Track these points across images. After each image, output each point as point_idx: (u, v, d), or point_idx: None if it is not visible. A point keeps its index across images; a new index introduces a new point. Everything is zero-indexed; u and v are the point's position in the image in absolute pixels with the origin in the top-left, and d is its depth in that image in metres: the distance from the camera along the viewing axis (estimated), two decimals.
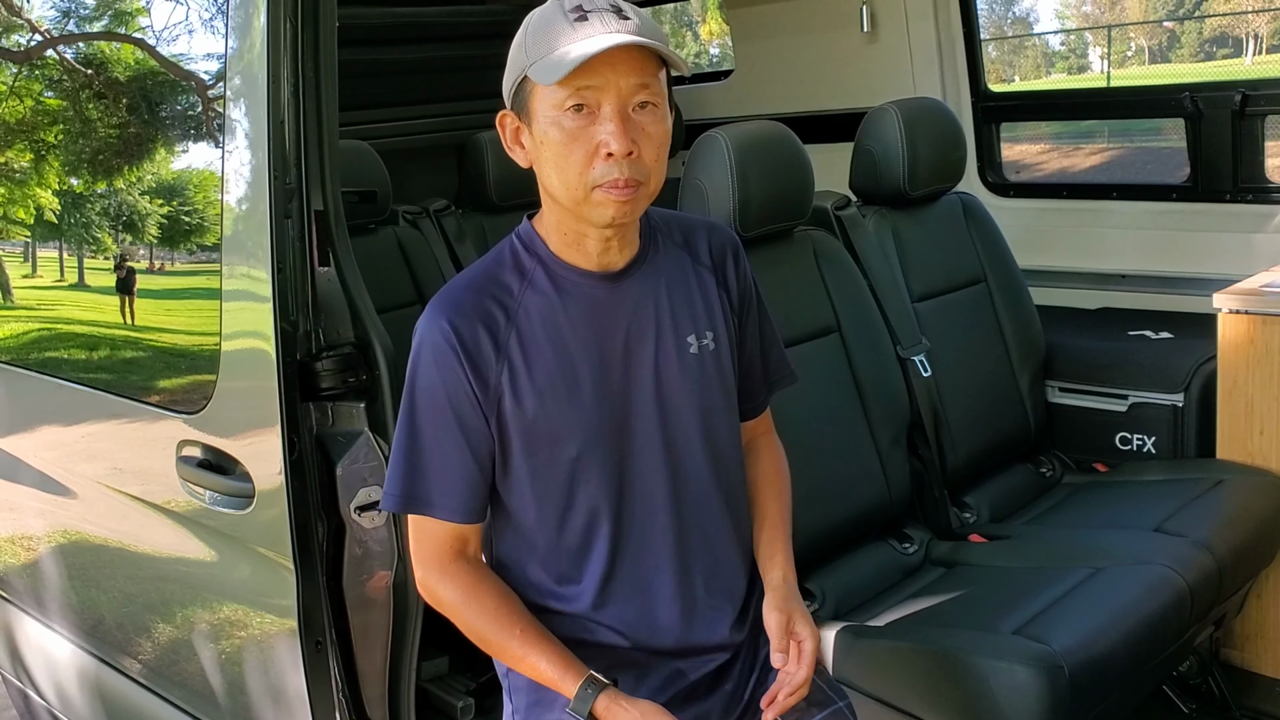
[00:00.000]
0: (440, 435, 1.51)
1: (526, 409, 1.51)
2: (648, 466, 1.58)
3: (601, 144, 1.40)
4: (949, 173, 2.96)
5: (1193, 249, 3.33)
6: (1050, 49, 25.55)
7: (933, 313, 2.87)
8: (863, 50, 3.88)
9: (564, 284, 1.53)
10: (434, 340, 1.50)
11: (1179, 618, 2.26)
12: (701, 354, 1.59)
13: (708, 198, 2.43)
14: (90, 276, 2.93)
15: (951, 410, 2.80)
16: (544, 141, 1.44)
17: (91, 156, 2.82)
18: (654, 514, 1.60)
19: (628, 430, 1.56)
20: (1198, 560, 2.36)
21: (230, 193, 2.25)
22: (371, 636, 2.30)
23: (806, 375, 2.51)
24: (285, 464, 2.17)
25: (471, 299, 1.52)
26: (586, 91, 1.40)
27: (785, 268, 2.58)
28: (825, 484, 2.48)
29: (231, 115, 2.24)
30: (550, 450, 1.54)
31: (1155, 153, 12.95)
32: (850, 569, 2.50)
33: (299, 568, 2.20)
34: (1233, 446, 2.77)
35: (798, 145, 2.52)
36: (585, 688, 1.50)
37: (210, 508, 2.39)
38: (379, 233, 3.37)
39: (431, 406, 1.51)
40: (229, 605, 2.47)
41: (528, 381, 1.50)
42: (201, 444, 2.39)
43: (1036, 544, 2.56)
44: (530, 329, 1.51)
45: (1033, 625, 2.14)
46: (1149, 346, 3.07)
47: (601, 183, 1.42)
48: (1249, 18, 24.38)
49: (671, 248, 1.62)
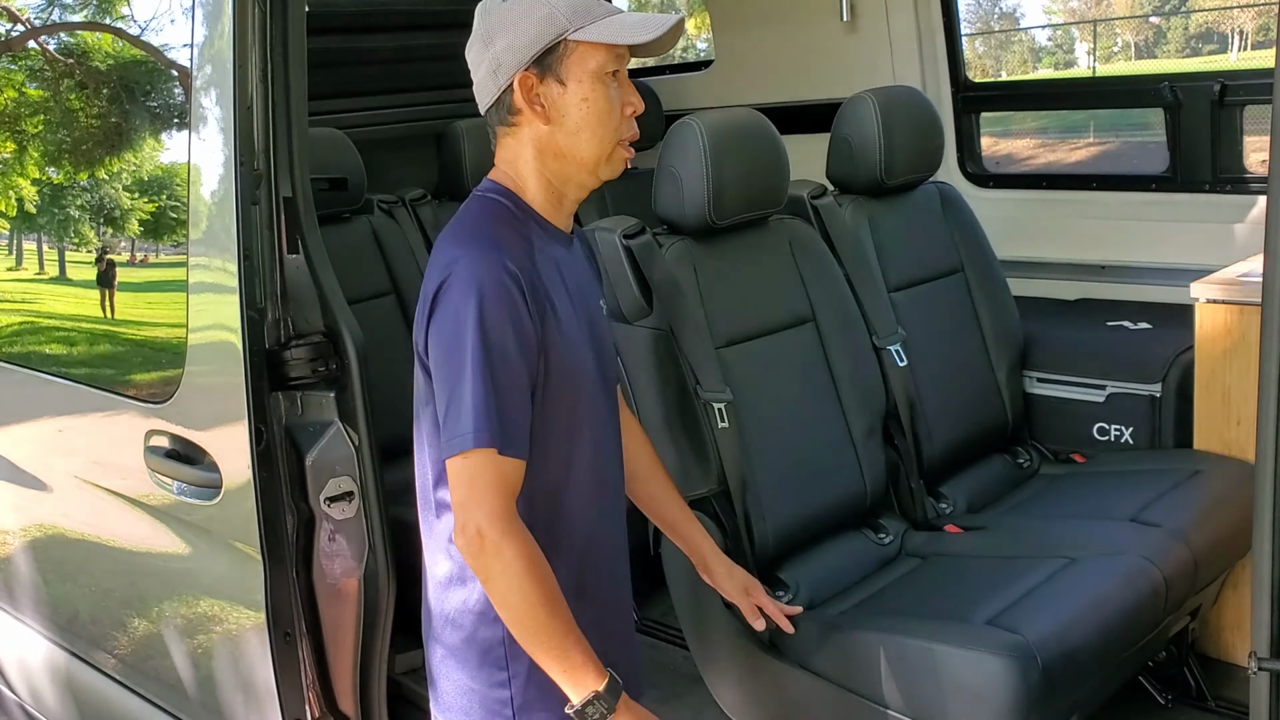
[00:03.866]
0: (514, 375, 1.50)
1: (559, 341, 1.57)
2: (605, 416, 1.70)
3: (628, 104, 1.57)
4: (926, 162, 2.94)
5: (1172, 239, 3.32)
6: (1036, 44, 25.58)
7: (909, 303, 2.86)
8: (842, 40, 3.86)
9: (549, 241, 1.62)
10: (497, 280, 1.49)
11: (1154, 609, 2.25)
12: (605, 316, 1.77)
13: (682, 185, 2.41)
14: (59, 267, 2.90)
15: (928, 400, 2.79)
16: (588, 100, 1.54)
17: (71, 147, 2.79)
18: (612, 463, 1.73)
19: (600, 380, 1.67)
20: (1173, 551, 2.35)
21: (196, 180, 2.22)
22: (342, 628, 2.28)
23: (781, 365, 2.51)
24: (253, 454, 2.15)
25: (510, 243, 1.55)
26: (620, 59, 1.56)
27: (760, 257, 2.56)
28: (799, 474, 2.47)
29: (199, 101, 2.21)
30: (569, 381, 1.60)
31: (1142, 147, 12.96)
32: (824, 560, 2.49)
33: (267, 559, 2.18)
34: (1210, 437, 2.76)
35: (773, 133, 2.50)
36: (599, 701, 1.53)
37: (178, 498, 2.37)
38: (353, 222, 3.35)
39: (503, 346, 1.49)
40: (198, 597, 2.45)
41: (555, 317, 1.57)
42: (169, 434, 2.37)
43: (1012, 534, 2.55)
44: (548, 275, 1.58)
45: (1006, 615, 2.12)
46: (1127, 337, 3.06)
47: (626, 137, 1.58)
48: (1234, 13, 24.44)
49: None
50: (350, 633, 2.29)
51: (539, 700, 1.62)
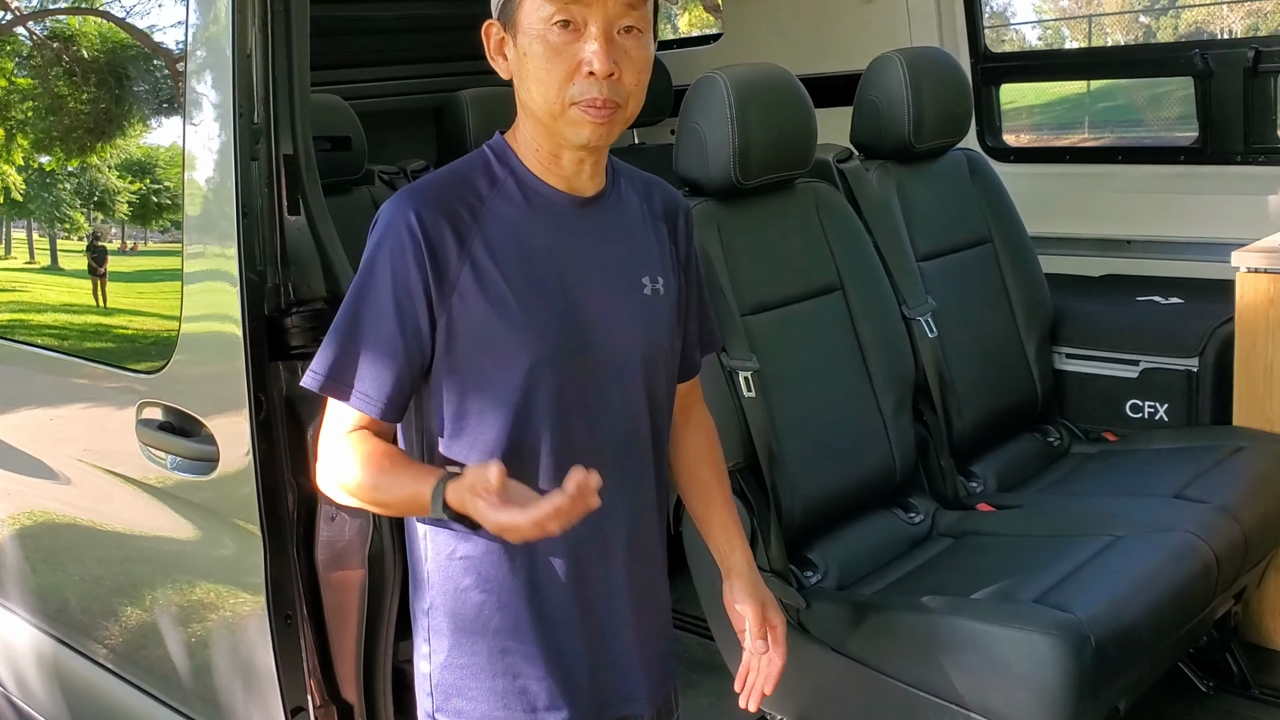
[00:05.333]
0: (381, 324, 1.45)
1: (485, 310, 1.45)
2: (592, 400, 1.51)
3: (584, 62, 1.39)
4: (955, 126, 2.83)
5: (1202, 213, 3.21)
6: (1027, 42, 25.60)
7: (937, 273, 2.74)
8: (857, 9, 3.74)
9: (534, 198, 1.49)
10: (396, 229, 1.44)
11: (1205, 587, 2.14)
12: (653, 297, 1.56)
13: (706, 143, 2.29)
14: (49, 241, 2.77)
15: (957, 375, 2.67)
16: (527, 54, 1.42)
17: (66, 104, 2.65)
18: (590, 452, 1.50)
19: (577, 355, 1.49)
20: (1223, 527, 2.24)
21: (193, 132, 2.09)
22: (345, 612, 2.15)
23: (809, 334, 2.39)
24: (252, 425, 2.02)
25: (440, 194, 1.47)
26: (574, 7, 1.39)
27: (787, 221, 2.44)
28: (827, 449, 2.35)
29: (194, 50, 2.08)
30: (502, 356, 1.47)
31: (1138, 142, 12.87)
32: (853, 539, 2.37)
33: (267, 537, 2.06)
34: (1250, 413, 2.65)
35: (800, 88, 2.39)
36: (438, 485, 1.39)
37: (172, 474, 2.24)
38: (353, 193, 3.22)
39: (380, 294, 1.44)
40: (194, 579, 2.32)
41: (489, 283, 1.45)
42: (163, 406, 2.24)
43: (1050, 513, 2.44)
44: (494, 233, 1.46)
45: (1053, 593, 2.01)
46: (1161, 310, 2.95)
47: (579, 100, 1.40)
48: (1223, 12, 24.46)
49: (632, 194, 1.59)
50: (353, 618, 2.16)
51: (455, 686, 1.56)
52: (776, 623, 1.70)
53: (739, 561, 1.71)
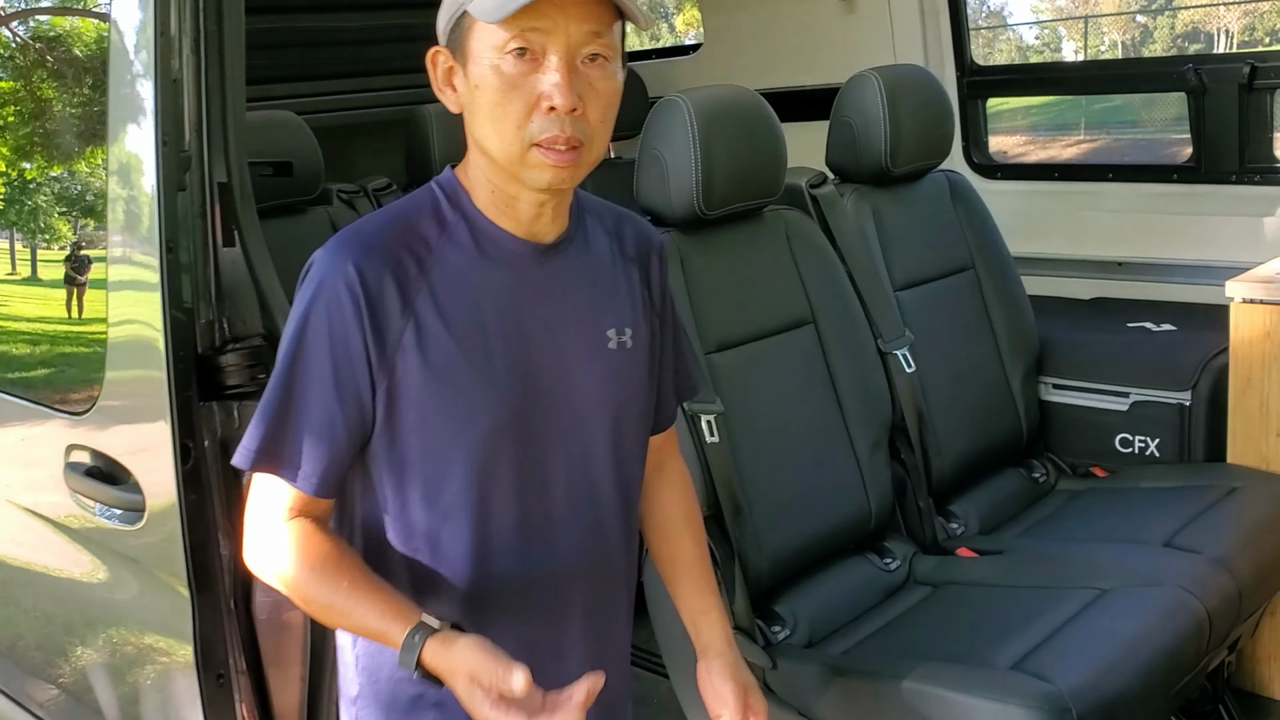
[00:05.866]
0: (316, 392, 1.30)
1: (431, 375, 1.30)
2: (551, 464, 1.37)
3: (544, 95, 1.23)
4: (935, 149, 2.69)
5: (1196, 234, 3.08)
6: (1024, 42, 25.47)
7: (916, 303, 2.61)
8: (840, 20, 3.62)
9: (488, 246, 1.34)
10: (334, 284, 1.28)
11: (1197, 646, 2.01)
12: (620, 350, 1.41)
13: (667, 171, 2.15)
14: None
15: (937, 410, 2.54)
16: (479, 86, 1.26)
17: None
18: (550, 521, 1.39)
19: (535, 421, 1.35)
20: (1215, 580, 2.11)
21: (115, 163, 1.96)
22: (286, 667, 2.03)
23: (778, 372, 2.26)
24: (178, 474, 1.89)
25: (382, 243, 1.31)
26: (532, 34, 1.22)
27: (755, 252, 2.31)
28: (798, 495, 2.22)
29: (116, 73, 1.95)
30: (452, 425, 1.33)
31: (1134, 143, 12.77)
32: (825, 589, 2.24)
33: (195, 592, 1.93)
34: (1246, 450, 2.52)
35: (768, 112, 2.25)
36: (413, 635, 1.25)
37: (100, 521, 2.11)
38: (309, 213, 3.08)
39: (315, 357, 1.30)
40: (123, 634, 2.19)
41: (436, 344, 1.30)
42: (90, 449, 2.11)
43: (1033, 560, 2.30)
44: (443, 287, 1.31)
45: (1034, 658, 1.88)
46: (1151, 340, 2.82)
47: (540, 139, 1.24)
48: (1219, 13, 24.40)
49: (600, 233, 1.44)
50: (295, 672, 2.04)
51: None
52: (760, 710, 1.53)
53: (719, 639, 1.55)
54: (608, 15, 1.25)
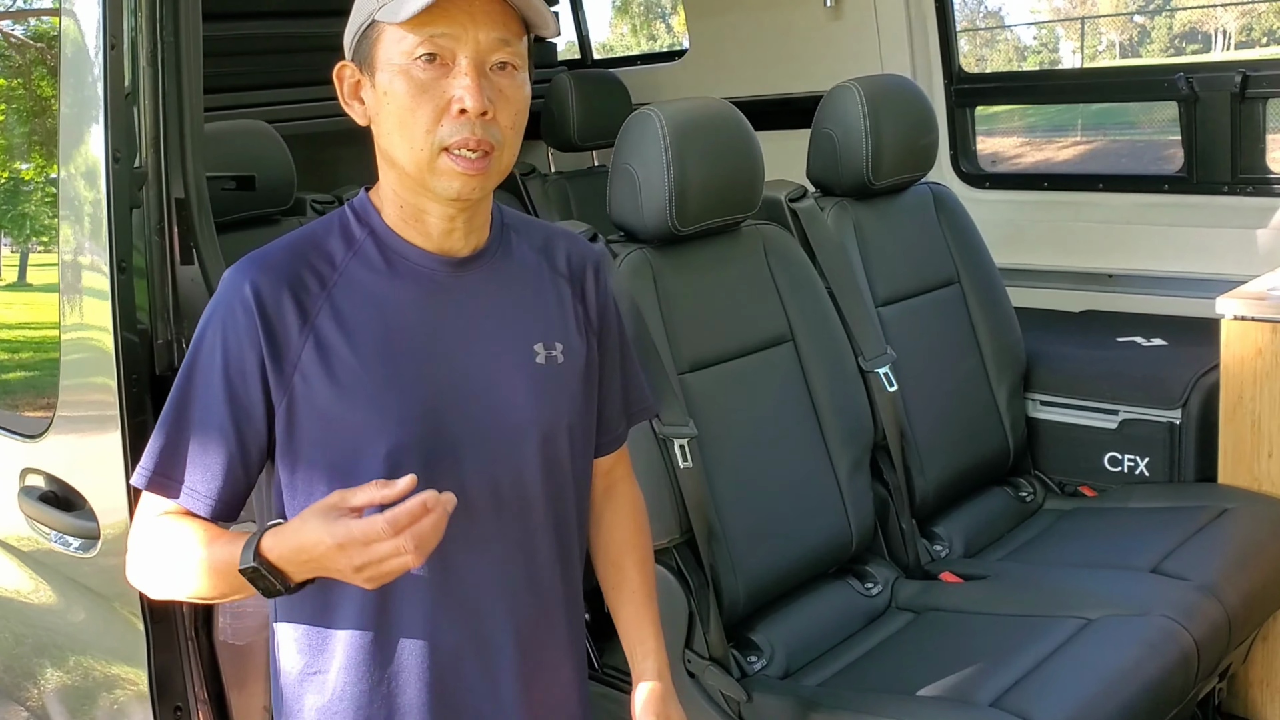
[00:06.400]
0: (210, 411, 1.29)
1: (331, 392, 1.29)
2: (470, 482, 1.32)
3: (454, 99, 1.23)
4: (918, 160, 2.63)
5: (1187, 246, 3.02)
6: (1021, 43, 25.41)
7: (899, 319, 2.54)
8: (826, 27, 3.55)
9: (396, 261, 1.33)
10: (229, 301, 1.28)
11: (1184, 678, 1.95)
12: (549, 365, 1.39)
13: (639, 186, 2.09)
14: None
15: (920, 429, 2.47)
16: (388, 93, 1.25)
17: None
18: (474, 545, 1.35)
19: (448, 436, 1.32)
20: (1204, 609, 2.04)
21: (67, 178, 1.90)
22: (249, 695, 1.97)
23: (754, 392, 2.20)
24: (129, 498, 1.83)
25: (283, 260, 1.31)
26: (441, 40, 1.23)
27: (731, 268, 2.24)
28: (776, 518, 2.15)
29: (66, 86, 1.88)
30: (354, 444, 1.30)
31: (1130, 144, 12.69)
32: (803, 616, 2.17)
33: (149, 622, 1.87)
34: (1237, 470, 2.46)
35: (744, 125, 2.19)
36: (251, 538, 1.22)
37: (54, 548, 2.04)
38: (283, 224, 3.02)
39: (209, 376, 1.29)
40: (82, 661, 2.13)
41: (337, 361, 1.29)
42: (44, 474, 2.04)
43: (1018, 587, 2.23)
44: (348, 303, 1.31)
45: (1015, 694, 1.81)
46: (1141, 355, 2.75)
47: (450, 143, 1.24)
48: (1217, 13, 24.37)
49: (526, 250, 1.43)
50: (259, 703, 1.98)
51: None
52: None
53: (650, 670, 1.52)
54: (515, 25, 1.26)
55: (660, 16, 22.22)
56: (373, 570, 1.16)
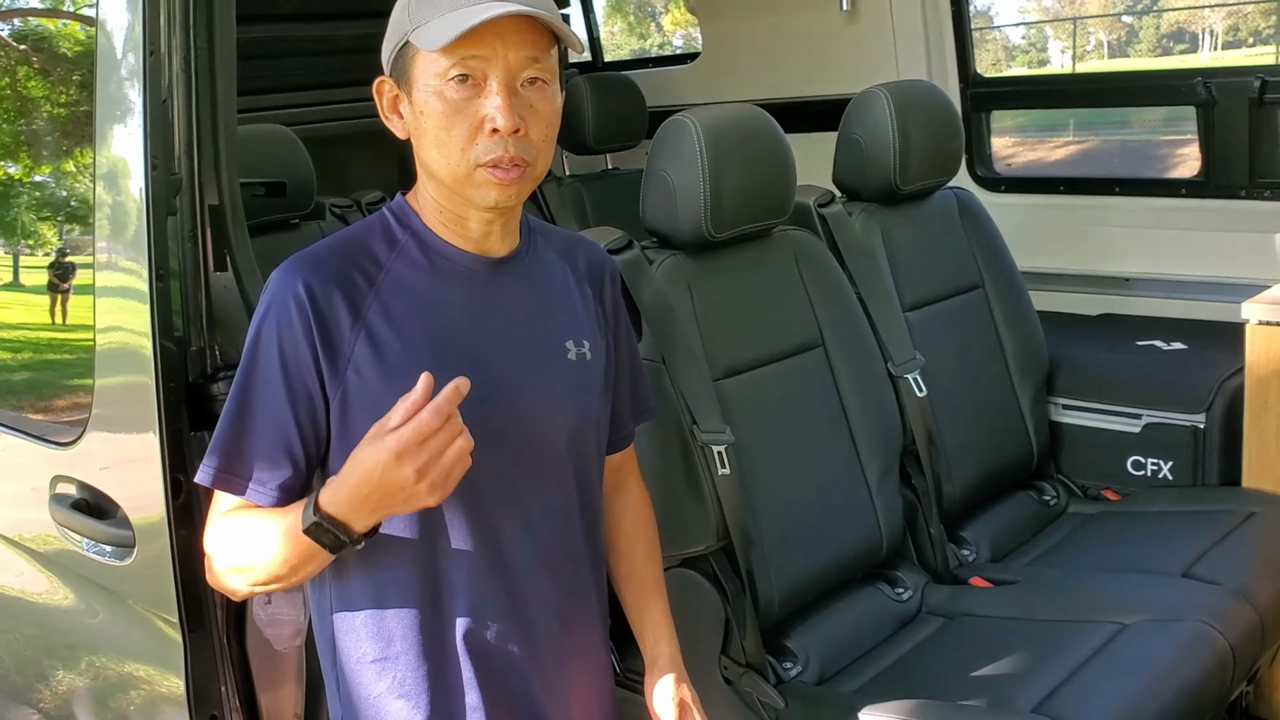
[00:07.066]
0: (271, 407, 1.34)
1: (384, 384, 1.33)
2: (514, 479, 1.41)
3: (487, 118, 1.29)
4: (945, 166, 2.63)
5: (1204, 250, 3.03)
6: (1010, 43, 25.50)
7: (925, 323, 2.54)
8: (841, 31, 3.56)
9: (438, 261, 1.40)
10: (283, 301, 1.33)
11: (1220, 682, 1.96)
12: (579, 362, 1.46)
13: (675, 193, 2.09)
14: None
15: (947, 434, 2.48)
16: (424, 112, 1.32)
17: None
18: (511, 528, 1.41)
19: (496, 430, 1.37)
20: (1237, 613, 2.05)
21: (103, 185, 1.89)
22: (281, 702, 1.98)
23: (787, 398, 2.20)
24: (168, 509, 1.83)
25: (332, 260, 1.37)
26: (472, 62, 1.29)
27: (763, 274, 2.24)
28: (808, 526, 2.15)
29: (103, 94, 1.88)
30: None
31: (1121, 145, 12.73)
32: (836, 621, 2.17)
33: (186, 630, 1.87)
34: (1261, 474, 2.47)
35: (777, 132, 2.19)
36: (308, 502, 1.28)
37: (87, 556, 2.03)
38: (302, 228, 3.02)
39: (268, 374, 1.34)
40: (111, 670, 2.12)
41: (389, 354, 1.35)
42: (76, 482, 2.03)
43: (1049, 592, 2.24)
44: (396, 301, 1.37)
45: (1056, 700, 1.82)
46: (1164, 359, 2.76)
47: (484, 160, 1.30)
48: (1204, 14, 24.49)
49: (551, 253, 1.50)
50: (290, 709, 1.98)
51: None
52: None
53: (663, 654, 1.59)
54: (544, 41, 1.31)
55: (651, 16, 22.24)
56: (436, 470, 1.20)
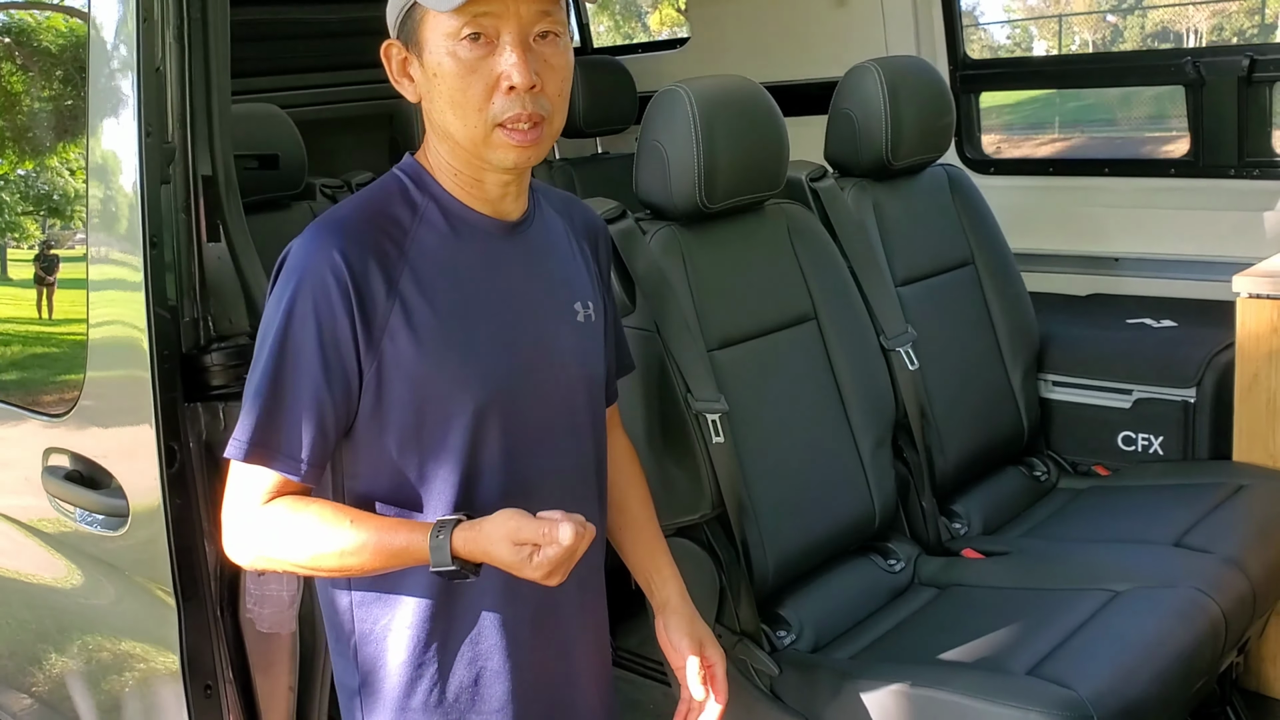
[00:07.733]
0: (306, 380, 1.31)
1: (418, 353, 1.32)
2: (542, 439, 1.41)
3: (503, 76, 1.27)
4: (936, 141, 2.64)
5: (1193, 230, 3.04)
6: (995, 42, 25.60)
7: (917, 298, 2.55)
8: (831, 13, 3.56)
9: (460, 225, 1.37)
10: (319, 272, 1.29)
11: (1213, 648, 1.97)
12: (586, 323, 1.47)
13: (669, 163, 2.09)
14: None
15: (939, 408, 2.48)
16: (437, 74, 1.29)
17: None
18: (540, 487, 1.41)
19: (522, 391, 1.38)
20: (1229, 580, 2.07)
21: (95, 155, 1.88)
22: (275, 676, 1.97)
23: (780, 369, 2.20)
24: (163, 478, 1.82)
25: (363, 227, 1.33)
26: (484, 19, 1.26)
27: (756, 246, 2.25)
28: (801, 496, 2.16)
29: (96, 62, 1.87)
30: (446, 401, 1.34)
31: (1107, 141, 12.77)
32: (829, 592, 2.18)
33: (181, 600, 1.86)
34: (1252, 447, 2.48)
35: (770, 103, 2.19)
36: (437, 534, 1.27)
37: (80, 527, 2.02)
38: (293, 208, 3.01)
39: (303, 346, 1.31)
40: (102, 641, 2.12)
41: (422, 323, 1.32)
42: (69, 453, 2.03)
43: (1041, 561, 2.25)
44: (425, 267, 1.34)
45: (1050, 663, 1.82)
46: (1154, 336, 2.78)
47: (503, 119, 1.29)
48: (1188, 12, 24.60)
49: (552, 213, 1.50)
50: (284, 681, 1.98)
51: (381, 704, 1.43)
52: (715, 661, 1.59)
53: (673, 594, 1.61)
54: None
55: (637, 16, 22.24)
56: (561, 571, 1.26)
